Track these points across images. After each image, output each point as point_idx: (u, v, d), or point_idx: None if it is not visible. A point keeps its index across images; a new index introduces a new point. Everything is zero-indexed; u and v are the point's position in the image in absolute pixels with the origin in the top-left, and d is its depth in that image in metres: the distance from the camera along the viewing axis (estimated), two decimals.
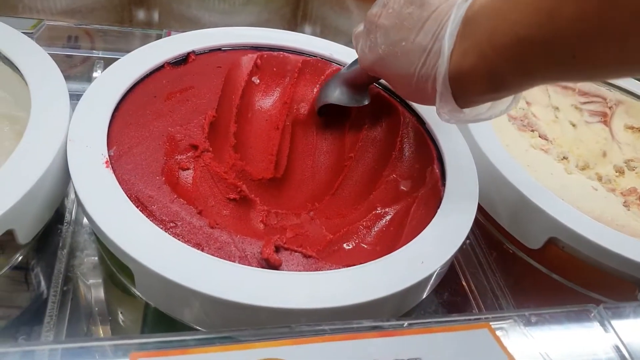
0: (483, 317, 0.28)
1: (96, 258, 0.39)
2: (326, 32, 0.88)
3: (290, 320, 0.30)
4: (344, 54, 0.52)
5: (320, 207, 0.46)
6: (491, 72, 0.31)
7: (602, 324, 0.29)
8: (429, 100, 0.36)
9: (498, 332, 0.27)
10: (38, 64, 0.41)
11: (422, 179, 0.43)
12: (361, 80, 0.45)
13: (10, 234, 0.31)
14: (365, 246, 0.40)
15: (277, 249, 0.35)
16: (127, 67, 0.44)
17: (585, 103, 0.61)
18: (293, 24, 0.88)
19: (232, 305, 0.30)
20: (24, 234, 0.32)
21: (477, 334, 0.26)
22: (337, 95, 0.46)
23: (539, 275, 0.44)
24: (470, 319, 0.28)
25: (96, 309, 0.36)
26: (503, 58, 0.30)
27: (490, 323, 0.27)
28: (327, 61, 0.52)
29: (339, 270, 0.33)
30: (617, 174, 0.54)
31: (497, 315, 0.28)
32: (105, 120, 0.39)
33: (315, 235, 0.42)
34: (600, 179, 0.52)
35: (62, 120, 0.37)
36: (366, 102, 0.46)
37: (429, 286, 0.36)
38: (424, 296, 0.37)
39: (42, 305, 0.34)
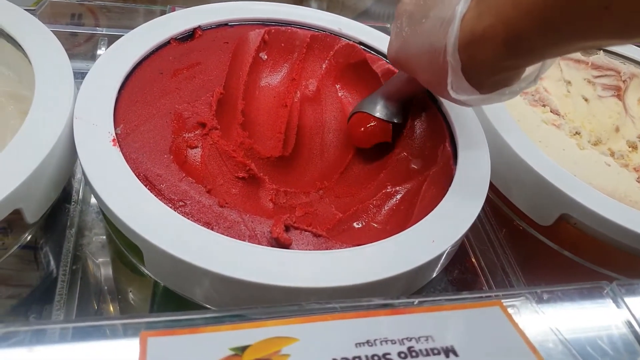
0: (494, 294, 0.28)
1: (104, 237, 0.39)
2: (332, 6, 0.87)
3: (300, 299, 0.30)
4: (353, 28, 0.51)
5: (329, 185, 0.45)
6: (510, 32, 0.29)
7: (615, 301, 0.29)
8: (443, 84, 0.34)
9: (509, 310, 0.27)
10: (41, 42, 0.41)
11: (433, 158, 0.42)
12: (395, 91, 0.43)
13: (17, 213, 0.31)
14: (376, 225, 0.40)
15: (287, 228, 0.35)
16: (133, 44, 0.43)
17: (598, 77, 0.60)
18: (300, 2, 0.87)
19: (241, 284, 0.30)
20: (32, 213, 0.32)
21: (488, 311, 0.26)
22: (366, 103, 0.44)
23: (550, 253, 0.44)
24: (481, 297, 0.27)
25: (105, 287, 0.36)
26: (525, 14, 0.28)
27: (502, 300, 0.27)
28: (336, 36, 0.51)
29: (349, 249, 0.33)
30: (631, 149, 0.53)
31: (509, 293, 0.28)
32: (112, 97, 0.38)
33: (324, 214, 0.42)
34: (613, 154, 0.51)
35: (67, 98, 0.36)
36: (395, 121, 0.44)
37: (440, 265, 0.36)
38: (435, 275, 0.36)
39: (52, 284, 0.35)
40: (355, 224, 0.40)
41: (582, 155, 0.48)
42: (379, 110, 0.43)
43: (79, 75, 0.39)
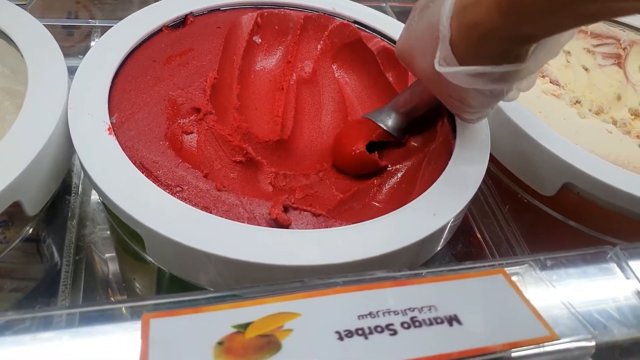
0: (497, 263, 0.28)
1: (106, 226, 0.39)
2: None
3: (303, 277, 0.30)
4: (347, 8, 0.51)
5: (329, 167, 0.45)
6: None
7: (619, 265, 0.29)
8: (432, 61, 0.33)
9: (513, 277, 0.26)
10: (33, 36, 0.41)
11: (432, 134, 0.42)
12: (402, 103, 0.42)
13: (17, 205, 0.31)
14: (377, 204, 0.40)
15: (286, 209, 0.35)
16: (125, 33, 0.43)
17: (598, 46, 0.59)
18: None
19: (243, 265, 0.30)
20: (32, 205, 0.32)
21: (492, 279, 0.26)
22: (376, 112, 0.43)
23: (555, 223, 0.44)
24: (484, 266, 0.27)
25: (110, 276, 0.36)
26: None
27: (505, 269, 0.27)
28: (330, 16, 0.50)
29: (350, 226, 0.33)
30: (633, 117, 0.53)
31: (512, 261, 0.28)
32: (105, 87, 0.38)
33: (325, 195, 0.41)
34: (615, 122, 0.51)
35: (61, 89, 0.36)
36: (395, 136, 0.42)
37: (443, 239, 0.36)
38: (438, 249, 0.36)
39: (57, 276, 0.35)
40: (356, 204, 0.40)
41: (583, 124, 0.47)
42: (382, 120, 0.42)
43: (73, 72, 0.39)
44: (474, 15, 0.29)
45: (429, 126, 0.43)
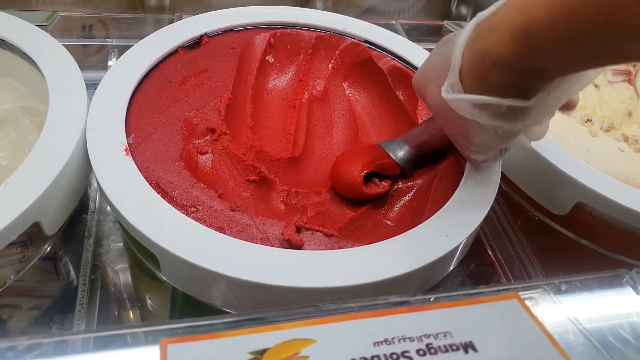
0: (512, 287, 0.28)
1: (122, 245, 0.39)
2: (337, 5, 0.87)
3: (315, 298, 0.30)
4: (358, 28, 0.51)
5: None
6: (522, 20, 0.26)
7: (635, 289, 0.29)
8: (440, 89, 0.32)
9: (527, 302, 0.26)
10: (54, 57, 0.42)
11: (443, 152, 0.42)
12: (415, 137, 0.41)
13: (37, 226, 0.32)
14: (389, 222, 0.40)
15: (299, 229, 0.35)
16: (141, 54, 0.44)
17: None
18: (304, 1, 0.87)
19: (256, 287, 0.30)
20: (50, 225, 0.33)
21: (506, 304, 0.26)
22: (389, 141, 0.42)
23: (567, 241, 0.43)
24: (498, 290, 0.27)
25: (125, 295, 0.36)
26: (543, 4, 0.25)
27: (519, 293, 0.27)
28: (341, 35, 0.51)
29: (362, 247, 0.33)
30: None
31: (526, 285, 0.28)
32: (123, 108, 0.39)
33: (336, 212, 0.42)
34: (626, 139, 0.50)
35: (80, 111, 0.37)
36: (402, 170, 0.41)
37: (455, 259, 0.36)
38: (450, 269, 0.36)
39: (73, 293, 0.35)
40: (367, 222, 0.40)
41: (594, 143, 0.47)
42: (393, 149, 0.41)
43: (91, 87, 0.40)
44: (486, 43, 0.28)
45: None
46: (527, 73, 0.28)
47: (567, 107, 0.34)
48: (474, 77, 0.30)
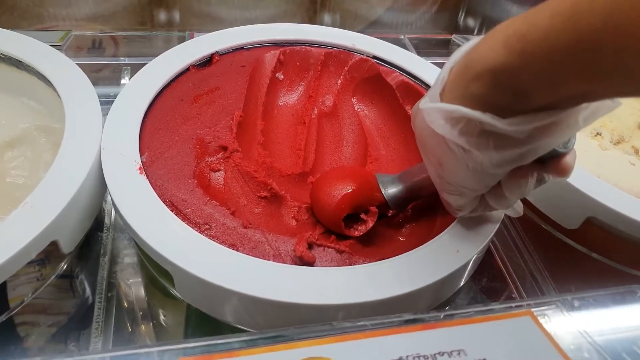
0: (524, 303, 0.28)
1: (136, 263, 0.40)
2: (345, 18, 0.88)
3: (328, 315, 0.31)
4: (367, 44, 0.52)
5: None
6: (510, 31, 0.24)
7: None
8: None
9: (540, 319, 0.27)
10: (69, 77, 0.42)
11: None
12: (409, 176, 0.38)
13: (54, 244, 0.32)
14: (400, 238, 0.40)
15: (310, 246, 0.36)
16: (153, 73, 0.44)
17: None
18: (312, 12, 0.88)
19: (270, 304, 0.30)
20: (67, 244, 0.33)
21: (519, 322, 0.26)
22: (386, 176, 0.40)
23: (579, 256, 0.43)
24: (511, 307, 0.27)
25: (140, 312, 0.37)
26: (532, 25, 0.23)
27: (532, 309, 0.27)
28: (350, 52, 0.51)
29: (374, 263, 0.33)
30: None
31: (539, 301, 0.28)
32: (136, 127, 0.39)
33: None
34: (637, 152, 0.50)
35: (95, 131, 0.38)
36: (389, 206, 0.39)
37: (466, 275, 0.36)
38: (461, 284, 0.36)
39: (88, 311, 0.36)
40: (378, 238, 0.40)
41: (605, 156, 0.47)
42: (385, 184, 0.39)
43: (104, 103, 0.41)
44: (477, 51, 0.26)
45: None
46: (510, 88, 0.25)
47: (558, 170, 0.29)
48: (454, 88, 0.27)
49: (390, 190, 0.38)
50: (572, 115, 0.26)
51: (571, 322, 0.28)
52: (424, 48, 0.72)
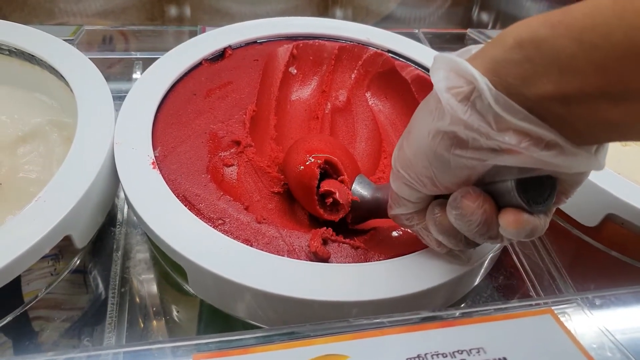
0: (543, 302, 0.27)
1: (149, 258, 0.40)
2: (357, 12, 0.88)
3: (342, 312, 0.30)
4: (381, 38, 0.51)
5: None
6: (524, 34, 0.21)
7: None
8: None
9: (561, 317, 0.26)
10: (81, 71, 0.42)
11: None
12: (379, 188, 0.36)
13: (68, 239, 0.32)
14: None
15: (325, 242, 0.35)
16: (166, 67, 0.44)
17: None
18: (323, 7, 0.88)
19: (284, 300, 0.30)
20: (81, 239, 0.33)
21: (539, 320, 0.25)
22: (368, 181, 0.37)
23: (597, 253, 0.42)
24: (531, 305, 0.27)
25: (153, 308, 0.37)
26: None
27: (552, 308, 0.26)
28: (364, 45, 0.51)
29: (389, 260, 0.33)
30: None
31: (559, 300, 0.27)
32: (149, 121, 0.39)
33: (362, 225, 0.41)
34: None
35: (108, 126, 0.38)
36: (343, 205, 0.35)
37: (481, 273, 0.35)
38: (477, 282, 0.36)
39: (102, 306, 0.36)
40: (393, 233, 0.40)
41: (624, 152, 0.46)
42: (361, 183, 0.36)
43: (117, 98, 0.41)
44: (512, 26, 0.22)
45: None
46: (530, 64, 0.21)
47: (507, 219, 0.25)
48: (478, 55, 0.23)
49: (359, 191, 0.36)
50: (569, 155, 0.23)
51: (593, 321, 0.27)
52: (438, 42, 0.71)
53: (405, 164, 0.28)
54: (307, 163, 0.36)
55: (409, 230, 0.32)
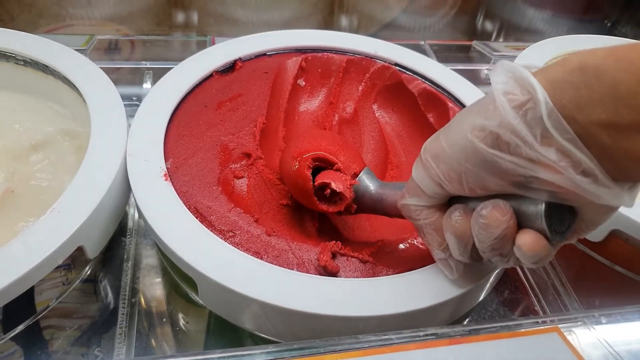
0: (549, 319, 0.28)
1: (159, 268, 0.40)
2: (363, 22, 0.88)
3: (350, 326, 0.30)
4: (389, 51, 0.52)
5: None
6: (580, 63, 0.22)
7: None
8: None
9: (567, 335, 0.26)
10: (94, 82, 0.43)
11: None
12: (383, 186, 0.36)
13: (80, 249, 0.32)
14: (421, 246, 0.40)
15: (334, 255, 0.36)
16: (177, 79, 0.45)
17: None
18: (327, 14, 0.88)
19: (293, 313, 0.30)
20: (93, 249, 0.34)
21: (546, 338, 0.26)
22: (374, 176, 0.37)
23: (602, 269, 0.43)
24: (537, 322, 0.27)
25: (162, 319, 0.37)
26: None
27: (559, 325, 0.27)
28: (372, 59, 0.51)
29: (397, 275, 0.33)
30: None
31: (565, 317, 0.28)
32: (161, 133, 0.40)
33: (366, 234, 0.42)
34: None
35: (121, 137, 0.38)
36: (345, 196, 0.35)
37: (487, 287, 0.36)
38: (482, 298, 0.36)
39: (111, 315, 0.36)
40: (400, 246, 0.40)
41: None
42: (368, 179, 0.36)
43: (125, 105, 0.41)
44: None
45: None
46: (588, 89, 0.22)
47: (524, 242, 0.25)
48: (539, 72, 0.24)
49: (365, 186, 0.36)
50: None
51: (598, 339, 0.27)
52: (444, 53, 0.71)
53: (437, 155, 0.28)
54: (295, 168, 0.36)
55: (412, 223, 0.32)
